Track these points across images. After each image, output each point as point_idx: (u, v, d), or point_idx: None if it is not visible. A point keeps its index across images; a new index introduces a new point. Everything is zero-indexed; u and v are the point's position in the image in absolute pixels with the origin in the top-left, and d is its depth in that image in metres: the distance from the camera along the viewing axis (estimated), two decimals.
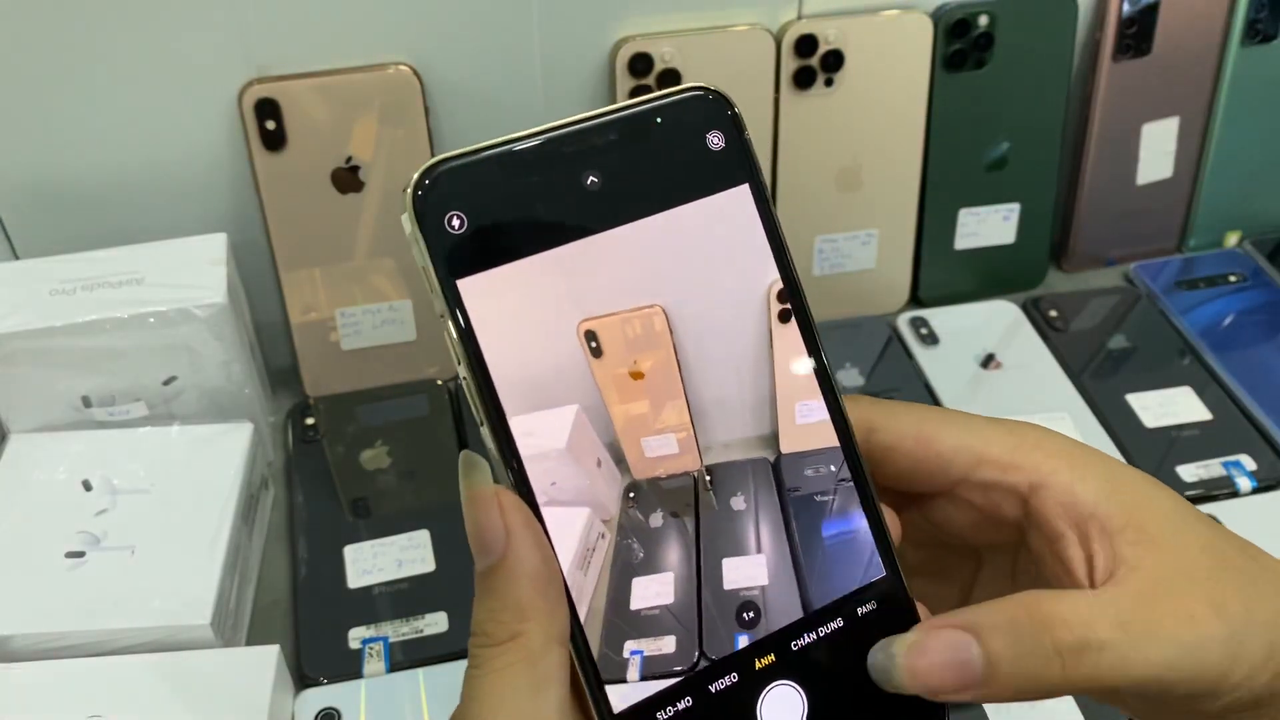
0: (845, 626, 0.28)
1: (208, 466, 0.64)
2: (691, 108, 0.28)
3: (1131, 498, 0.28)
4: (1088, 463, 0.29)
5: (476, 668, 0.25)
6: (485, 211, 0.25)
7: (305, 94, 0.69)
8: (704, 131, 0.28)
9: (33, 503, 0.63)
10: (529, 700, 0.24)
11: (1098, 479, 0.28)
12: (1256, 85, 0.84)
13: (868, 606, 0.28)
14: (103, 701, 0.54)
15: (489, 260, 0.25)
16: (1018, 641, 0.25)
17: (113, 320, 0.63)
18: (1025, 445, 0.29)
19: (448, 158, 0.26)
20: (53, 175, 0.70)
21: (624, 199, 0.26)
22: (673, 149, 0.27)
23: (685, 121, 0.27)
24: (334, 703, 0.58)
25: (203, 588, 0.58)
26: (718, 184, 0.28)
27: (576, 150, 0.26)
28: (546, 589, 0.25)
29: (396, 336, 0.77)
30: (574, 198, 0.26)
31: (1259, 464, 0.71)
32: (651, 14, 0.72)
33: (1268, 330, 0.82)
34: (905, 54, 0.77)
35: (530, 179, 0.26)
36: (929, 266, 0.85)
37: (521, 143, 0.26)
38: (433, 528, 0.67)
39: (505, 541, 0.25)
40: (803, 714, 0.27)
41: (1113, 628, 0.25)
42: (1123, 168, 0.85)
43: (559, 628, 0.25)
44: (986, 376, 0.78)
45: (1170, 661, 0.25)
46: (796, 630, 0.28)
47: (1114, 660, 0.25)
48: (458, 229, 0.25)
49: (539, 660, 0.25)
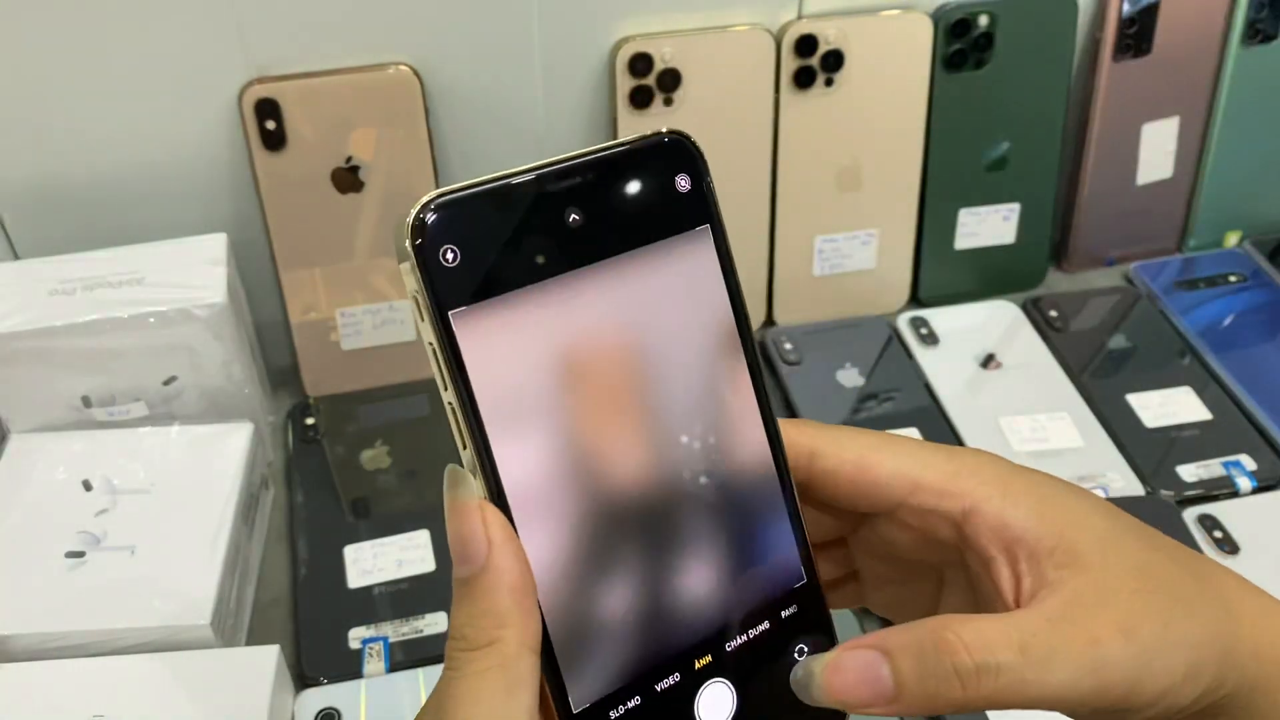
0: (770, 629, 0.31)
1: (208, 466, 0.64)
2: (659, 151, 0.30)
3: (1064, 519, 0.29)
4: (1022, 488, 0.30)
5: (454, 669, 0.26)
6: (477, 245, 0.27)
7: (305, 94, 0.69)
8: (670, 175, 0.30)
9: (33, 503, 0.63)
10: (502, 702, 0.26)
11: (1030, 503, 0.30)
12: (1256, 85, 0.84)
13: (790, 610, 0.31)
14: (103, 701, 0.54)
15: (479, 293, 0.27)
16: (921, 663, 0.27)
17: (113, 320, 0.63)
18: (962, 472, 0.30)
19: (444, 192, 0.27)
20: (53, 175, 0.70)
21: (600, 237, 0.28)
22: (643, 190, 0.29)
23: (653, 165, 0.29)
24: (334, 703, 0.58)
25: (203, 588, 0.58)
26: (682, 225, 0.30)
27: (560, 189, 0.28)
28: (523, 599, 0.27)
29: (396, 336, 0.77)
30: (557, 235, 0.28)
31: (1259, 464, 0.71)
32: (651, 14, 0.72)
33: (1268, 330, 0.82)
34: (905, 54, 0.77)
35: (519, 216, 0.28)
36: (929, 266, 0.85)
37: (510, 180, 0.28)
38: (433, 528, 0.67)
39: (487, 552, 0.26)
40: (732, 710, 0.30)
41: (1012, 650, 0.27)
42: (1123, 168, 0.85)
43: (532, 635, 0.27)
44: (986, 376, 0.78)
45: (1066, 684, 0.27)
46: (728, 632, 0.30)
47: (1011, 681, 0.27)
48: (451, 262, 0.27)
49: (513, 665, 0.26)
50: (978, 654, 0.27)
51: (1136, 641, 0.27)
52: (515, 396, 0.27)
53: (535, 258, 0.28)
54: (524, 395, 0.27)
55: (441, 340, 0.27)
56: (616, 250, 0.29)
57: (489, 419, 0.27)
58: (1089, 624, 0.27)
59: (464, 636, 0.26)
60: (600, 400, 0.28)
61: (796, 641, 0.31)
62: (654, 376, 0.29)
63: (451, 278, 0.27)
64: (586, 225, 0.28)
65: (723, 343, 0.30)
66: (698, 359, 0.30)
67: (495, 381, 0.27)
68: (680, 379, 0.30)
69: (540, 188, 0.28)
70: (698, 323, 0.30)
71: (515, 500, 0.27)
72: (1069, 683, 0.27)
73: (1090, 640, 0.27)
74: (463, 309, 0.27)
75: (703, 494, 0.30)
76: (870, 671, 0.28)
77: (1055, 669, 0.27)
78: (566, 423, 0.28)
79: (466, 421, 0.27)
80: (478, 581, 0.26)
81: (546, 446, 0.28)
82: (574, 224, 0.28)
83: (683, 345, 0.30)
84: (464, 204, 0.27)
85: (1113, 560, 0.29)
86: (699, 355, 0.30)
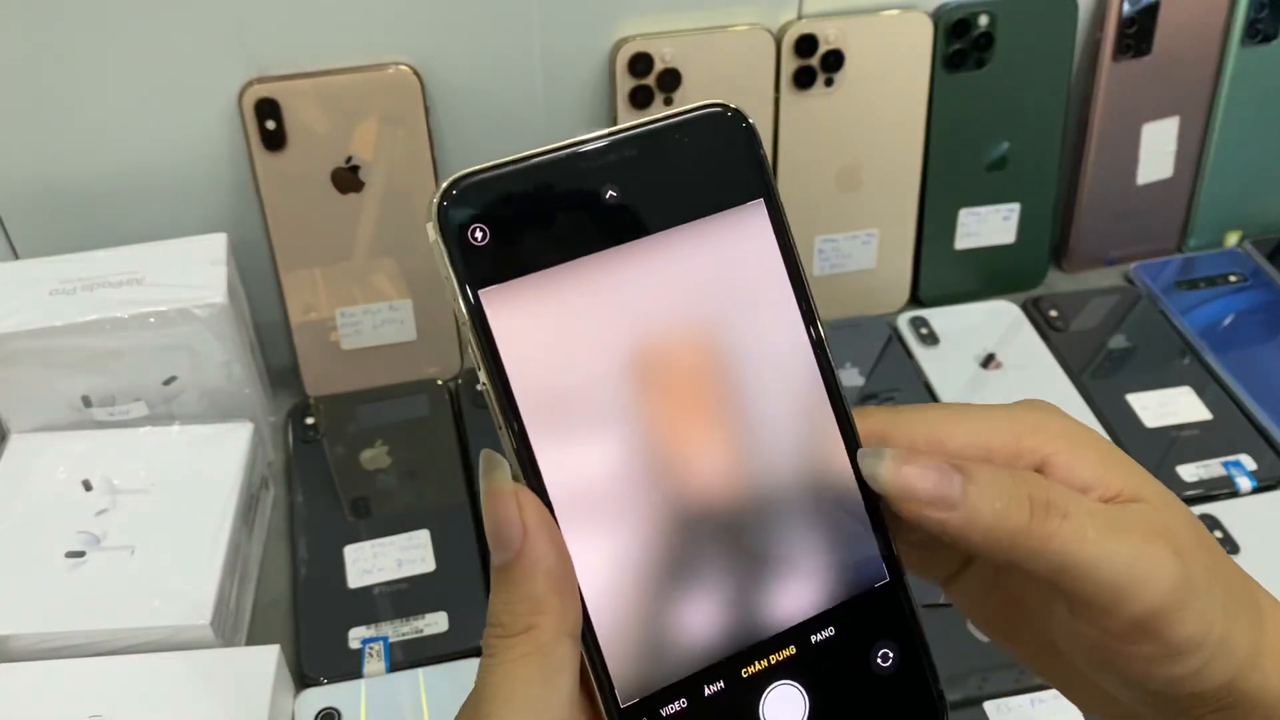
0: (846, 629, 0.29)
1: (208, 466, 0.64)
2: (708, 124, 0.29)
3: (1126, 470, 0.30)
4: (1086, 441, 0.30)
5: (491, 656, 0.26)
6: (507, 224, 0.26)
7: (305, 94, 0.69)
8: (720, 148, 0.29)
9: (33, 503, 0.63)
10: (540, 690, 0.25)
11: (1095, 456, 0.30)
12: (1256, 85, 0.84)
13: (869, 610, 0.29)
14: (103, 701, 0.54)
15: (510, 271, 0.26)
16: (995, 481, 0.27)
17: (113, 320, 0.63)
18: (1029, 430, 0.30)
19: (472, 171, 0.26)
20: (53, 175, 0.70)
21: (642, 213, 0.27)
22: (689, 165, 0.28)
23: (702, 137, 0.28)
24: (334, 703, 0.58)
25: (203, 588, 0.58)
26: (732, 199, 0.29)
27: (597, 165, 0.27)
28: (560, 584, 0.26)
29: (396, 336, 0.77)
30: (594, 211, 0.27)
31: (1259, 464, 0.71)
32: (651, 14, 0.72)
33: (1268, 330, 0.82)
34: (905, 54, 0.77)
35: (552, 192, 0.27)
36: (929, 266, 0.85)
37: (544, 157, 0.27)
38: (433, 528, 0.67)
39: (523, 537, 0.26)
40: (804, 713, 0.28)
41: (1083, 512, 0.27)
42: (1123, 168, 0.85)
43: (571, 622, 0.26)
44: (986, 376, 0.78)
45: (1122, 561, 0.27)
46: (798, 631, 0.29)
47: (1073, 531, 0.27)
48: (480, 240, 0.26)
49: (551, 652, 0.26)
50: (1054, 494, 0.27)
51: (1189, 570, 0.27)
52: (553, 377, 0.27)
53: (571, 235, 0.27)
54: (562, 376, 0.27)
55: (473, 320, 0.26)
56: (659, 227, 0.28)
57: (524, 401, 0.26)
58: (1152, 534, 0.28)
59: (500, 623, 0.26)
60: (650, 382, 0.27)
61: (878, 645, 0.29)
62: (708, 357, 0.28)
63: (480, 257, 0.26)
64: (627, 202, 0.27)
65: (782, 324, 0.29)
66: (756, 341, 0.29)
67: (530, 362, 0.26)
68: (739, 361, 0.28)
69: (577, 163, 0.27)
70: (754, 304, 0.29)
71: (554, 485, 0.27)
72: (1125, 561, 0.27)
73: (1151, 539, 0.27)
74: (493, 288, 0.26)
75: (770, 482, 0.28)
76: (942, 472, 0.27)
77: (1117, 541, 0.27)
78: (611, 406, 0.27)
79: (500, 404, 0.26)
80: (513, 567, 0.26)
81: (589, 430, 0.27)
82: (612, 200, 0.27)
83: (739, 327, 0.28)
84: (494, 182, 0.26)
85: (1174, 512, 0.29)
86: (757, 337, 0.29)
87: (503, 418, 0.27)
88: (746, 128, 0.29)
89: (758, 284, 0.29)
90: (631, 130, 0.28)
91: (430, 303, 0.77)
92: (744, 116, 0.29)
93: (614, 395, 0.27)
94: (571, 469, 0.27)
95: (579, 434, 0.27)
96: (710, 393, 0.28)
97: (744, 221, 0.29)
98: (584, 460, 0.27)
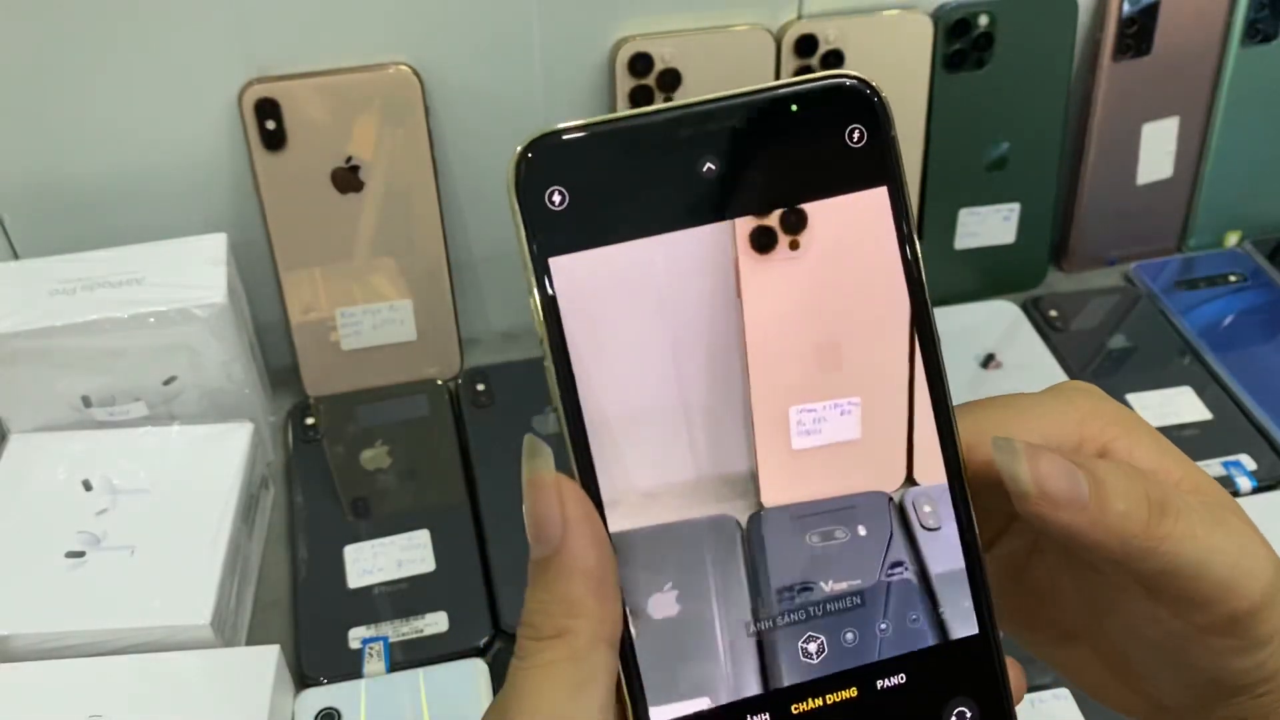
0: (921, 680, 0.26)
1: (208, 466, 0.64)
2: (831, 97, 0.26)
3: (1177, 459, 0.30)
4: (1138, 427, 0.30)
5: (521, 659, 0.25)
6: (589, 190, 0.24)
7: (305, 94, 0.69)
8: (843, 125, 0.25)
9: (33, 503, 0.63)
10: (569, 698, 0.24)
11: (1150, 442, 0.30)
12: (1256, 85, 0.84)
13: (951, 664, 0.26)
14: (103, 701, 0.54)
15: (586, 241, 0.24)
16: (1120, 477, 0.27)
17: (113, 320, 0.63)
18: (1085, 418, 0.30)
19: (555, 130, 0.24)
20: (53, 175, 0.70)
21: (739, 191, 0.25)
22: (804, 141, 0.25)
23: (822, 112, 0.25)
24: (334, 703, 0.58)
25: (203, 588, 0.58)
26: (850, 184, 0.26)
27: (695, 133, 0.25)
28: (599, 587, 0.24)
29: (396, 336, 0.77)
30: (687, 185, 0.25)
31: (1259, 464, 0.71)
32: (651, 14, 0.72)
33: (1268, 330, 0.82)
34: (905, 54, 0.77)
35: (641, 160, 0.24)
36: (929, 266, 0.84)
37: (636, 120, 0.25)
38: (433, 528, 0.67)
39: (562, 533, 0.24)
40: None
41: (1189, 509, 0.27)
42: (1123, 168, 0.85)
43: (609, 629, 0.25)
44: (986, 376, 0.78)
45: (1224, 556, 0.27)
46: (867, 674, 0.26)
47: (1186, 529, 0.26)
48: (558, 205, 0.24)
49: (583, 659, 0.24)
50: (1165, 491, 0.27)
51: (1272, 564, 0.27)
52: (619, 362, 0.24)
53: (659, 208, 0.24)
54: (630, 362, 0.24)
55: (540, 289, 0.24)
56: (758, 210, 0.25)
57: (584, 384, 0.24)
58: (1248, 526, 0.28)
59: (533, 624, 0.24)
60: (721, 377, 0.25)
61: (954, 703, 0.26)
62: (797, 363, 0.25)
63: (556, 221, 0.24)
64: (725, 178, 0.25)
65: (891, 330, 0.26)
66: (859, 345, 0.26)
67: (596, 342, 0.24)
68: (835, 368, 0.26)
69: (673, 130, 0.24)
70: (862, 303, 0.26)
71: (606, 478, 0.24)
72: (1231, 558, 0.27)
73: (1248, 532, 0.28)
74: (567, 256, 0.24)
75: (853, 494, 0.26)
76: (1071, 471, 0.26)
77: (1224, 538, 0.27)
78: (681, 404, 0.25)
79: (558, 380, 0.24)
80: (550, 565, 0.24)
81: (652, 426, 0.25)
82: (708, 174, 0.25)
83: (840, 327, 0.26)
84: (579, 144, 0.24)
85: (1228, 502, 0.29)
86: (860, 341, 0.26)
87: (558, 395, 0.24)
88: (873, 103, 0.26)
89: (870, 283, 0.26)
90: (741, 96, 0.25)
91: (430, 303, 0.77)
92: (873, 90, 0.26)
93: (686, 393, 0.25)
94: (628, 464, 0.25)
95: (641, 429, 0.25)
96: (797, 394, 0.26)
97: (863, 209, 0.26)
98: (643, 456, 0.25)
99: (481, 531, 0.67)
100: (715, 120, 0.25)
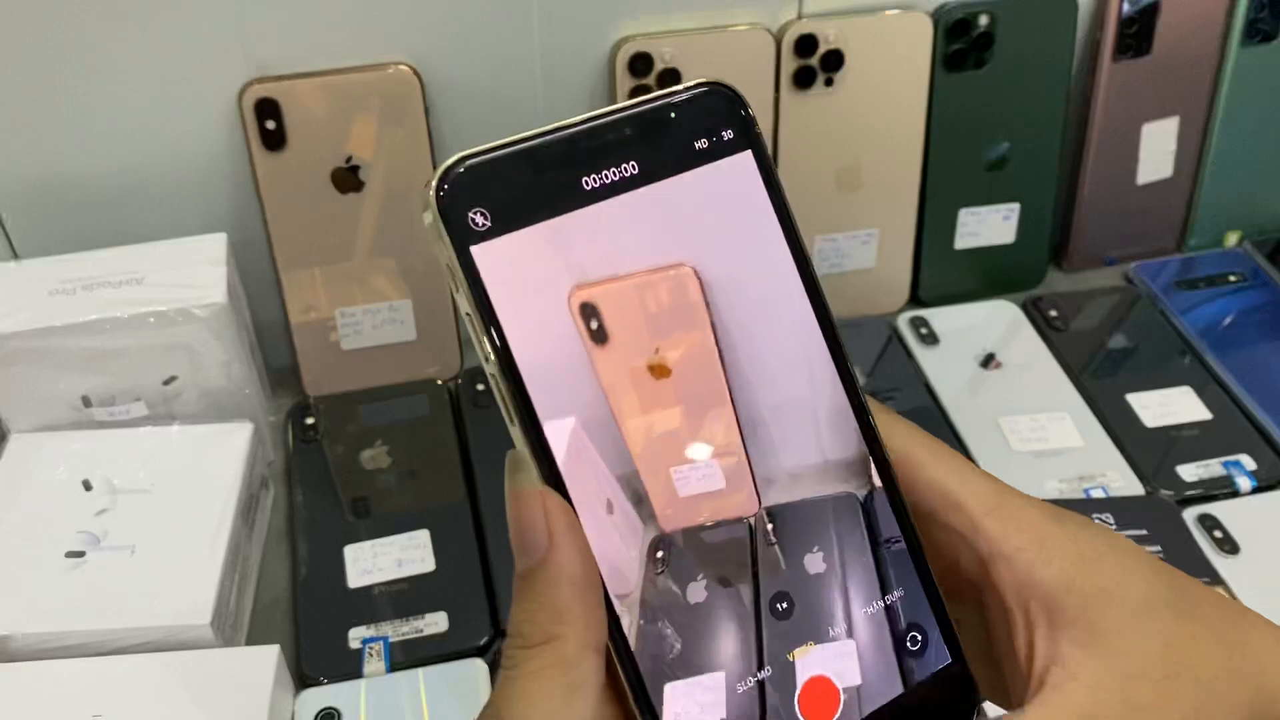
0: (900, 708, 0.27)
1: (208, 466, 0.64)
2: (703, 103, 0.28)
3: (1095, 585, 0.27)
4: (1059, 544, 0.28)
5: (510, 668, 0.25)
6: (504, 208, 0.25)
7: (305, 94, 0.69)
8: (716, 127, 0.28)
9: (33, 503, 0.63)
10: (560, 705, 0.24)
11: (1063, 564, 0.27)
12: (1256, 85, 0.84)
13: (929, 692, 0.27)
14: (103, 701, 0.54)
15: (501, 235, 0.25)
16: None
17: (113, 320, 0.63)
18: (1003, 510, 0.29)
19: (465, 156, 0.26)
20: (53, 175, 0.70)
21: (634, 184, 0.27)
22: (686, 143, 0.27)
23: (697, 117, 0.27)
24: (334, 703, 0.58)
25: (203, 588, 0.58)
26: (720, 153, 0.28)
27: (593, 146, 0.26)
28: (585, 595, 0.25)
29: (396, 336, 0.77)
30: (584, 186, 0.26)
31: (1259, 464, 0.71)
32: (651, 14, 0.72)
33: (1268, 330, 0.82)
34: (905, 54, 0.77)
35: (547, 176, 0.26)
36: (929, 266, 0.85)
37: (538, 139, 0.26)
38: (433, 528, 0.67)
39: (547, 544, 0.25)
40: None
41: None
42: (1123, 168, 0.85)
43: (596, 635, 0.25)
44: (986, 376, 0.78)
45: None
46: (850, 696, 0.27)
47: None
48: (480, 226, 0.25)
49: (573, 666, 0.24)
50: None
51: None
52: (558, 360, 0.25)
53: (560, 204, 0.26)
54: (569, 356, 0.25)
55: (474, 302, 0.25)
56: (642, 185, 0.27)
57: (535, 389, 0.25)
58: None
59: (521, 633, 0.25)
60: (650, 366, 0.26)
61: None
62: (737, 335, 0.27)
63: (481, 240, 0.25)
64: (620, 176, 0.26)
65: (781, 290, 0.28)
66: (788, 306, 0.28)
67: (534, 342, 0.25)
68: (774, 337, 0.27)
69: (573, 145, 0.26)
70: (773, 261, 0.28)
71: (574, 486, 0.25)
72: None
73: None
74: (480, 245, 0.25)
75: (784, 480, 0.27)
76: None
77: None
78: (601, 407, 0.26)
79: (510, 393, 0.25)
80: (537, 575, 0.25)
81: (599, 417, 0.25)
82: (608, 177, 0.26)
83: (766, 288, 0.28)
84: (488, 165, 0.25)
85: (1138, 641, 0.26)
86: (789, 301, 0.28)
87: (513, 412, 0.25)
88: (733, 95, 0.28)
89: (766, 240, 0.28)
90: (627, 110, 0.27)
91: (430, 303, 0.77)
92: (730, 87, 0.28)
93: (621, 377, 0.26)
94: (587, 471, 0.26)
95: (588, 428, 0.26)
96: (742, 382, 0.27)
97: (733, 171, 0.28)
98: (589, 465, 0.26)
99: (481, 531, 0.67)
100: (607, 133, 0.27)
